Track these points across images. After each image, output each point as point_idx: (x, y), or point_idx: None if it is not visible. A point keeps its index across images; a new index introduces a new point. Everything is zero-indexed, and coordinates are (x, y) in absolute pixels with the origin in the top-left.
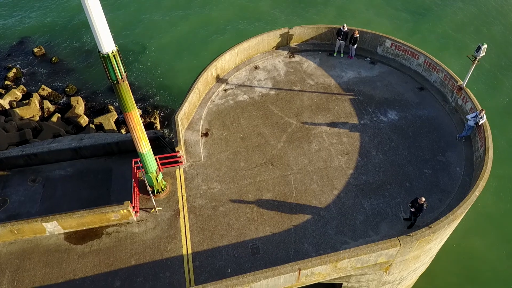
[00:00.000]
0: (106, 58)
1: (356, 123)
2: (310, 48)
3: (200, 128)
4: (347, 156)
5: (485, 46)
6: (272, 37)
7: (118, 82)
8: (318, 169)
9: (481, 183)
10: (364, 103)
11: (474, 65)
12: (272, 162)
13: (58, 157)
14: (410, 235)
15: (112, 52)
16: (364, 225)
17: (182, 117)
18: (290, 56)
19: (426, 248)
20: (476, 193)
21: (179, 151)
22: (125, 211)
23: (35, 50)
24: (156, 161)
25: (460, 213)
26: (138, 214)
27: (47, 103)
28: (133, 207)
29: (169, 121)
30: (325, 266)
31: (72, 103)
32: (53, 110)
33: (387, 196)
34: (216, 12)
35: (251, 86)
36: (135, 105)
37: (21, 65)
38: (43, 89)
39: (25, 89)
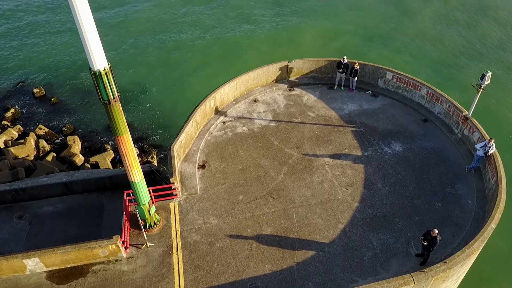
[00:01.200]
0: (97, 76)
1: (360, 154)
2: (310, 81)
3: (197, 160)
4: (351, 189)
5: (490, 73)
6: (271, 70)
7: (109, 103)
8: (322, 202)
9: (497, 215)
10: (367, 135)
11: (479, 93)
12: (272, 194)
13: (48, 192)
14: (424, 271)
15: (104, 69)
16: (372, 262)
17: (179, 148)
18: (289, 90)
19: (441, 287)
20: (492, 225)
21: (174, 183)
22: (113, 246)
23: (35, 90)
24: (150, 193)
25: (477, 247)
26: (128, 250)
27: (42, 142)
28: (123, 242)
29: (166, 160)
30: None
31: (68, 142)
32: (48, 149)
33: (396, 231)
34: (218, 55)
35: (250, 118)
36: (127, 128)
37: (20, 106)
38: (40, 128)
39: (21, 128)
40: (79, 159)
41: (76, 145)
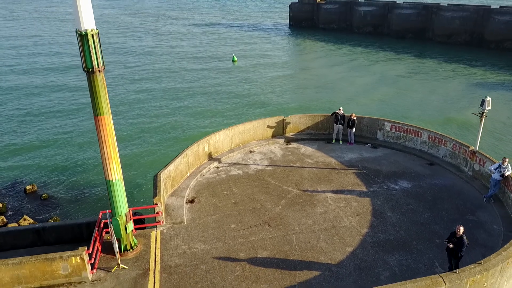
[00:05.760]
0: (83, 36)
1: (365, 190)
2: (307, 137)
3: (186, 195)
4: (358, 217)
5: (489, 98)
6: (268, 124)
7: (93, 72)
8: (326, 228)
9: None
10: (370, 175)
11: (483, 120)
12: (269, 223)
13: (15, 241)
14: (455, 272)
15: (92, 30)
16: (391, 281)
17: (166, 178)
18: (286, 144)
19: None
20: None
21: (157, 204)
22: (78, 260)
23: (28, 187)
24: (130, 215)
25: None
26: (95, 271)
27: None
28: (90, 257)
29: None
30: None
31: None
32: None
33: (415, 252)
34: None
35: (246, 164)
36: (109, 109)
37: (8, 201)
38: (25, 219)
39: (5, 220)
40: None
41: None
